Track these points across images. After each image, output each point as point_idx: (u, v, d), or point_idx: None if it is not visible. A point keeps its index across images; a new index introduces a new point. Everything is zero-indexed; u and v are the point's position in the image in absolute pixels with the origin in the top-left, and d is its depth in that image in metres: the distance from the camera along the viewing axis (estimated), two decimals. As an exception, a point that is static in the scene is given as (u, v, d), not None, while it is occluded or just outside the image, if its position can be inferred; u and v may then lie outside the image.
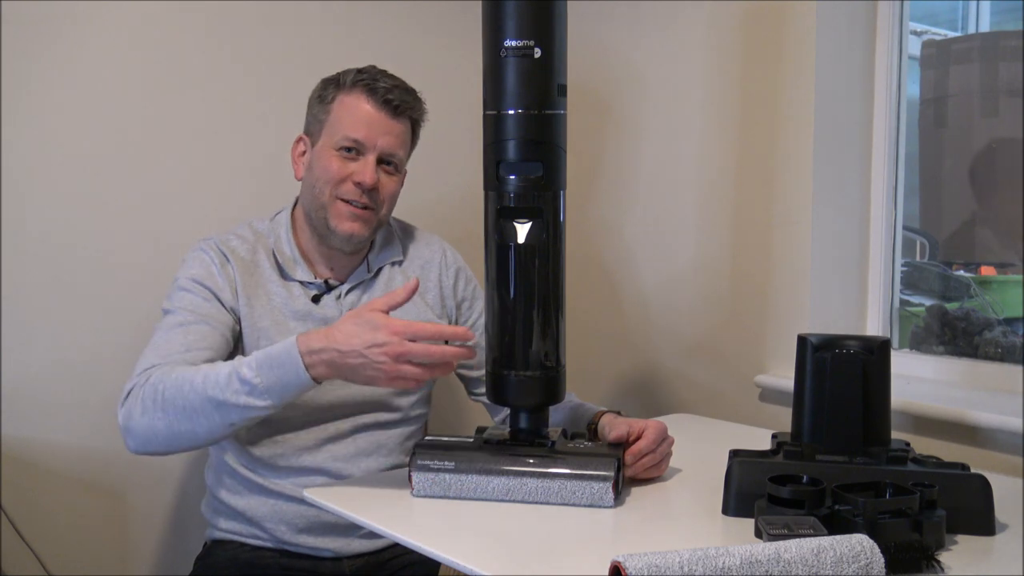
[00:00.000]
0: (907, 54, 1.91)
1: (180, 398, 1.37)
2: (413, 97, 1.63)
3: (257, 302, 1.59)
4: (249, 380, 1.35)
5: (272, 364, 1.35)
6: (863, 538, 1.05)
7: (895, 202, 1.93)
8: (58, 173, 1.84)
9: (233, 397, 1.35)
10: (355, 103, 1.58)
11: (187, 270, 1.59)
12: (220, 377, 1.36)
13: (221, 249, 1.60)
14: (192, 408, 1.36)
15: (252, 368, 1.35)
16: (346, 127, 1.57)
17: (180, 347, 1.47)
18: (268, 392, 1.35)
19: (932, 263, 2.09)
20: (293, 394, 1.37)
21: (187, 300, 1.55)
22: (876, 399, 1.33)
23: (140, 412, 1.40)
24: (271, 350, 1.37)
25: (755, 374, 1.96)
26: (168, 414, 1.38)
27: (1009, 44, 1.96)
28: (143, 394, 1.40)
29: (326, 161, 1.58)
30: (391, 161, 1.61)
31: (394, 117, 1.59)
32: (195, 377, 1.37)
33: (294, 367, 1.34)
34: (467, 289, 1.75)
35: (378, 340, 1.30)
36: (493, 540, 1.25)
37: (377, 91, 1.58)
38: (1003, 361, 1.81)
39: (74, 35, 1.84)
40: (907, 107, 1.92)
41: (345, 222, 1.59)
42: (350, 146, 1.57)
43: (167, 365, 1.43)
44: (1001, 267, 2.07)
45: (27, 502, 1.82)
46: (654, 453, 1.43)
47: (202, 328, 1.51)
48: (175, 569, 1.98)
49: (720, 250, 2.05)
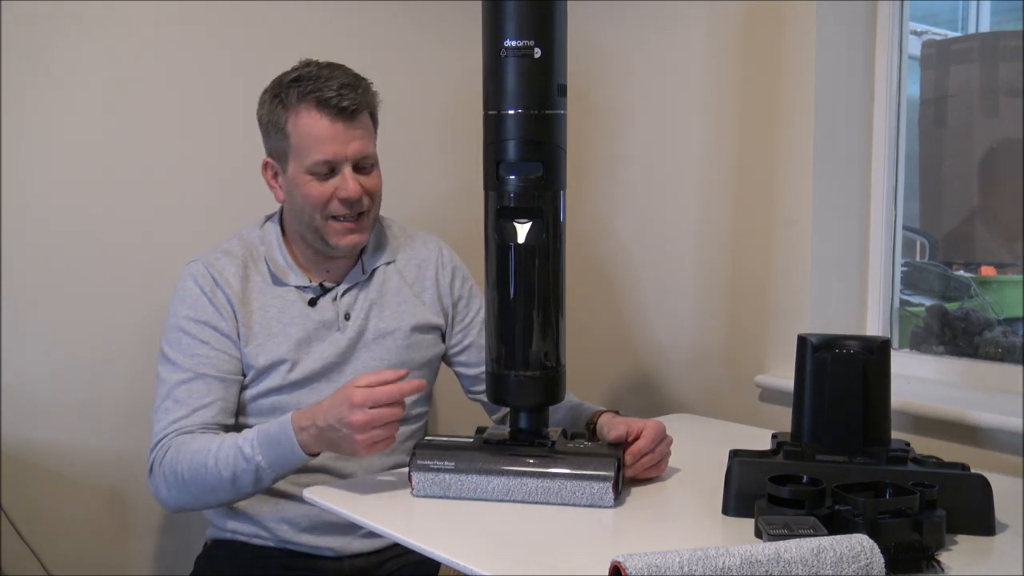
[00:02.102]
0: (907, 54, 1.91)
1: (199, 479, 1.47)
2: (362, 89, 1.57)
3: (252, 319, 1.59)
4: (252, 458, 1.43)
5: (271, 442, 1.43)
6: (863, 538, 1.05)
7: (895, 202, 1.93)
8: (58, 173, 1.84)
9: (241, 474, 1.44)
10: (310, 122, 1.53)
11: (180, 307, 1.59)
12: (228, 456, 1.45)
13: (210, 273, 1.60)
14: (211, 487, 1.47)
15: (254, 447, 1.44)
16: (312, 151, 1.53)
17: (187, 410, 1.53)
18: (271, 467, 1.44)
19: (932, 263, 2.09)
20: (293, 465, 1.44)
21: (185, 345, 1.57)
22: (876, 399, 1.33)
23: (167, 489, 1.51)
24: (270, 428, 1.45)
25: (755, 374, 1.96)
26: (192, 491, 1.49)
27: (1009, 44, 1.96)
28: (164, 472, 1.50)
29: (304, 188, 1.56)
30: (365, 163, 1.59)
31: (353, 120, 1.55)
32: (207, 460, 1.46)
33: (289, 444, 1.42)
34: (463, 288, 1.76)
35: (343, 415, 1.34)
36: (493, 540, 1.25)
37: (327, 102, 1.52)
38: (1003, 361, 1.81)
39: (74, 35, 1.84)
40: (907, 107, 1.92)
41: (344, 237, 1.59)
42: (323, 169, 1.55)
43: (179, 435, 1.51)
44: (1001, 267, 2.07)
45: (27, 502, 1.82)
46: (653, 453, 1.44)
47: (204, 383, 1.55)
48: (175, 569, 1.98)
49: (720, 250, 2.05)
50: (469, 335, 1.74)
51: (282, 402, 1.59)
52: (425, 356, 1.69)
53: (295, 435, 1.41)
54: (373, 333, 1.64)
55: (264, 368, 1.58)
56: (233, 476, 1.45)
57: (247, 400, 1.60)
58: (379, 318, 1.65)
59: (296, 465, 1.44)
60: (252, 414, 1.60)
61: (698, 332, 2.10)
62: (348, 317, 1.63)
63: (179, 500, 1.52)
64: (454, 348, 1.75)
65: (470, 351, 1.74)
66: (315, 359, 1.60)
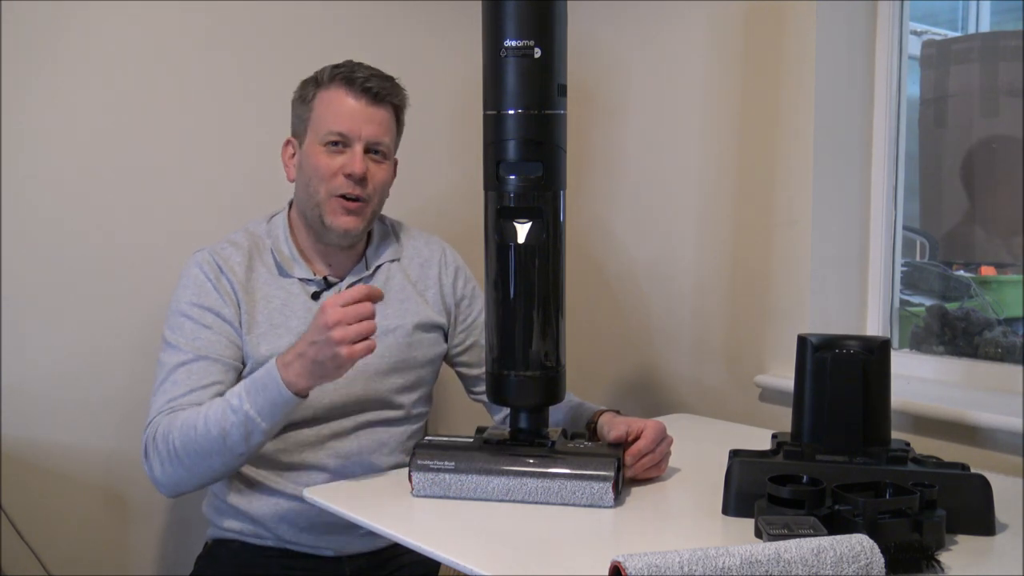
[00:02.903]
0: (907, 54, 1.91)
1: (190, 444, 1.45)
2: (392, 84, 1.63)
3: (255, 308, 1.60)
4: (239, 408, 1.43)
5: (257, 388, 1.43)
6: (863, 538, 1.05)
7: (895, 202, 1.93)
8: (58, 173, 1.84)
9: (231, 428, 1.43)
10: (335, 97, 1.59)
11: (184, 292, 1.60)
12: (217, 413, 1.44)
13: (215, 260, 1.61)
14: (203, 451, 1.45)
15: (240, 397, 1.43)
16: (329, 122, 1.58)
17: (184, 390, 1.52)
18: (260, 415, 1.42)
19: (932, 263, 2.09)
20: (282, 411, 1.44)
21: (187, 330, 1.57)
22: (876, 399, 1.33)
23: (160, 466, 1.49)
24: (256, 374, 1.45)
25: (755, 374, 1.96)
26: (184, 462, 1.47)
27: (1009, 44, 1.96)
28: (157, 448, 1.49)
29: (315, 159, 1.59)
30: (378, 149, 1.61)
31: (375, 105, 1.60)
32: (197, 421, 1.45)
33: (276, 386, 1.41)
34: (466, 288, 1.76)
35: (319, 323, 1.37)
36: (493, 540, 1.25)
37: (355, 81, 1.59)
38: (1003, 361, 1.81)
39: (75, 35, 1.83)
40: (907, 107, 1.92)
41: (340, 217, 1.59)
42: (336, 140, 1.58)
43: (170, 413, 1.50)
44: (1001, 267, 2.07)
45: (27, 502, 1.82)
46: (653, 453, 1.44)
47: (203, 364, 1.55)
48: (175, 569, 1.98)
49: (720, 250, 2.05)
50: (471, 335, 1.74)
51: None
52: (427, 355, 1.69)
53: (280, 373, 1.41)
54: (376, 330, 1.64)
55: (264, 359, 1.57)
56: (223, 432, 1.42)
57: None
58: (381, 315, 1.64)
59: (284, 409, 1.43)
60: None
61: (698, 332, 2.10)
62: (351, 312, 1.63)
63: (174, 477, 1.49)
64: (456, 348, 1.75)
65: (472, 352, 1.74)
66: (316, 353, 1.60)
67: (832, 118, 1.88)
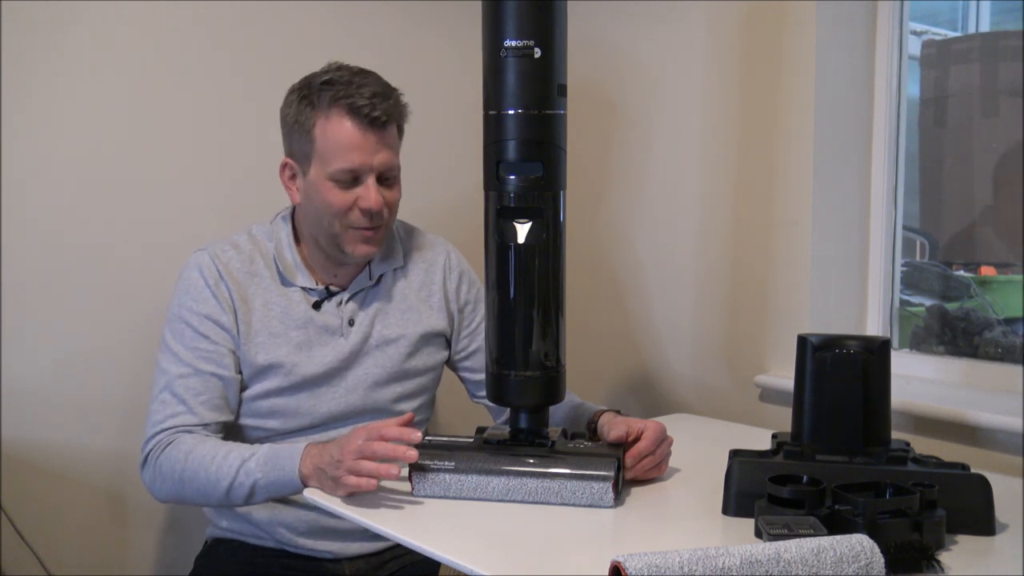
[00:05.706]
0: (907, 54, 1.91)
1: (196, 481, 1.49)
2: (393, 100, 1.55)
3: (254, 316, 1.59)
4: (252, 472, 1.46)
5: (273, 465, 1.45)
6: (863, 538, 1.05)
7: (895, 202, 1.93)
8: (58, 173, 1.84)
9: (238, 487, 1.46)
10: (339, 129, 1.51)
11: (183, 296, 1.59)
12: (232, 466, 1.47)
13: (215, 265, 1.59)
14: (206, 491, 1.49)
15: (258, 462, 1.46)
16: (338, 158, 1.51)
17: (185, 406, 1.54)
18: (267, 488, 1.46)
19: (932, 263, 2.09)
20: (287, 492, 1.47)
21: (187, 338, 1.57)
22: (876, 399, 1.33)
23: (161, 482, 1.53)
24: (281, 448, 1.47)
25: (755, 374, 1.96)
26: (184, 490, 1.51)
27: (1009, 44, 1.96)
28: (161, 466, 1.52)
29: (325, 194, 1.53)
30: (389, 176, 1.57)
31: (382, 131, 1.53)
32: (210, 466, 1.48)
33: (292, 470, 1.43)
34: (470, 293, 1.74)
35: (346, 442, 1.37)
36: (493, 540, 1.25)
37: (359, 110, 1.50)
38: (1003, 361, 1.81)
39: (75, 35, 1.84)
40: (907, 107, 1.92)
41: (360, 246, 1.57)
42: (346, 177, 1.53)
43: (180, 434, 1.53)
44: (1001, 267, 2.07)
45: (27, 502, 1.82)
46: (654, 454, 1.43)
47: (202, 379, 1.56)
48: (175, 568, 1.98)
49: (720, 250, 2.05)
50: (475, 341, 1.73)
51: (281, 404, 1.59)
52: (428, 363, 1.69)
53: (299, 460, 1.42)
54: (377, 340, 1.63)
55: (262, 368, 1.58)
56: (229, 486, 1.47)
57: (246, 401, 1.60)
58: (384, 324, 1.65)
59: (289, 491, 1.46)
60: (250, 415, 1.60)
61: (698, 332, 2.10)
62: (352, 323, 1.62)
63: (170, 495, 1.54)
64: (459, 354, 1.74)
65: (475, 357, 1.73)
66: (315, 364, 1.59)
67: (832, 118, 1.88)
